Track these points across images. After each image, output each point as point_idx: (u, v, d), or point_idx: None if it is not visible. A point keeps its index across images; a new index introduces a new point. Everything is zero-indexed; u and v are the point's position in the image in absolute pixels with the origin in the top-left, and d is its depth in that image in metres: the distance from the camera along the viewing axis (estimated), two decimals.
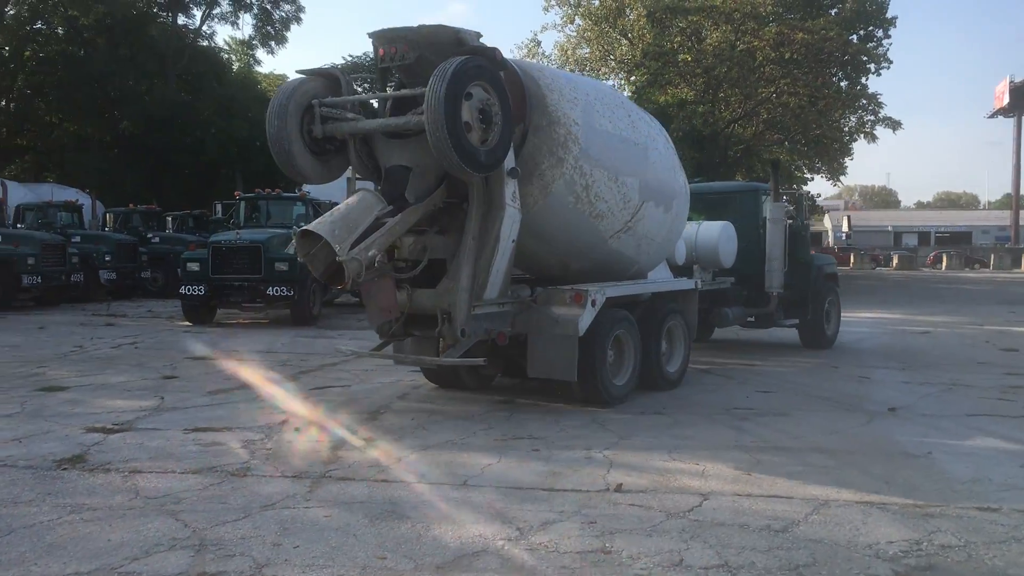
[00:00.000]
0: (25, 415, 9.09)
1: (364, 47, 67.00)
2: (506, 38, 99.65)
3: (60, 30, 45.51)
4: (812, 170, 50.53)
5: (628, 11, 43.01)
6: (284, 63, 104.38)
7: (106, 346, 15.09)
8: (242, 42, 45.10)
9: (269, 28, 43.63)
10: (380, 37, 8.85)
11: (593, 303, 9.20)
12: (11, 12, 43.44)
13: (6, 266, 20.92)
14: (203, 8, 40.36)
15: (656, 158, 10.86)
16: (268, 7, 42.15)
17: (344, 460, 7.41)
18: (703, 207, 14.80)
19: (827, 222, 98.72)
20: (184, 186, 41.50)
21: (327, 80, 9.32)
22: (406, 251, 9.17)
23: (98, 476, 6.81)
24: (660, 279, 11.88)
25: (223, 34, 53.12)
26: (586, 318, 9.09)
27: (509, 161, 8.74)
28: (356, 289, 8.92)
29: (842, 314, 16.60)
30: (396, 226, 8.47)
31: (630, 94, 40.34)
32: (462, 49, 8.43)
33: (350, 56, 37.83)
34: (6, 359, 13.26)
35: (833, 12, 38.69)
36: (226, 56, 47.50)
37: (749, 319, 14.98)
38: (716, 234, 13.86)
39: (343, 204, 8.78)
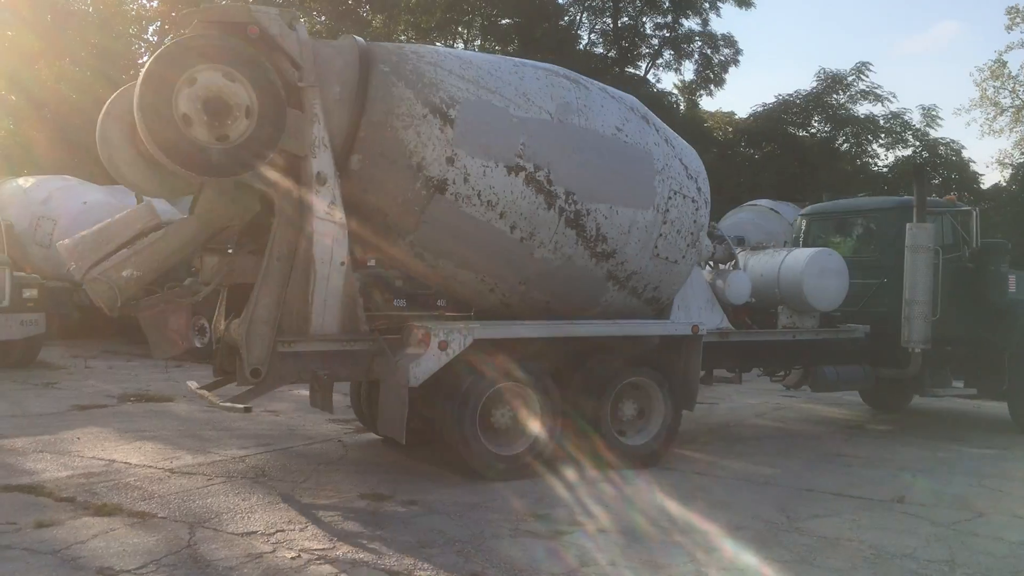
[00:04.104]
0: None
1: (797, 85, 66.63)
2: (982, 57, 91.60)
3: None
4: None
5: None
6: (729, 100, 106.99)
7: None
8: (685, 86, 47.73)
9: (708, 72, 45.59)
10: (200, 16, 7.32)
11: (442, 346, 7.33)
12: None
13: None
14: (648, 60, 43.85)
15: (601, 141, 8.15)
16: (708, 52, 44.14)
17: (675, 454, 8.96)
18: (832, 230, 12.21)
19: None
20: None
21: None
22: (207, 273, 7.56)
23: None
24: (683, 321, 9.00)
25: (668, 81, 56.20)
26: (424, 365, 7.24)
27: (320, 164, 7.11)
28: (126, 315, 7.54)
29: None
30: (161, 242, 7.21)
31: None
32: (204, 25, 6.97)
33: (780, 95, 38.50)
34: None
35: None
36: (673, 98, 50.13)
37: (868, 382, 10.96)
38: (802, 265, 10.39)
39: (111, 217, 7.77)
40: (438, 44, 35.40)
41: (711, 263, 10.18)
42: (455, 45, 37.47)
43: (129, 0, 33.79)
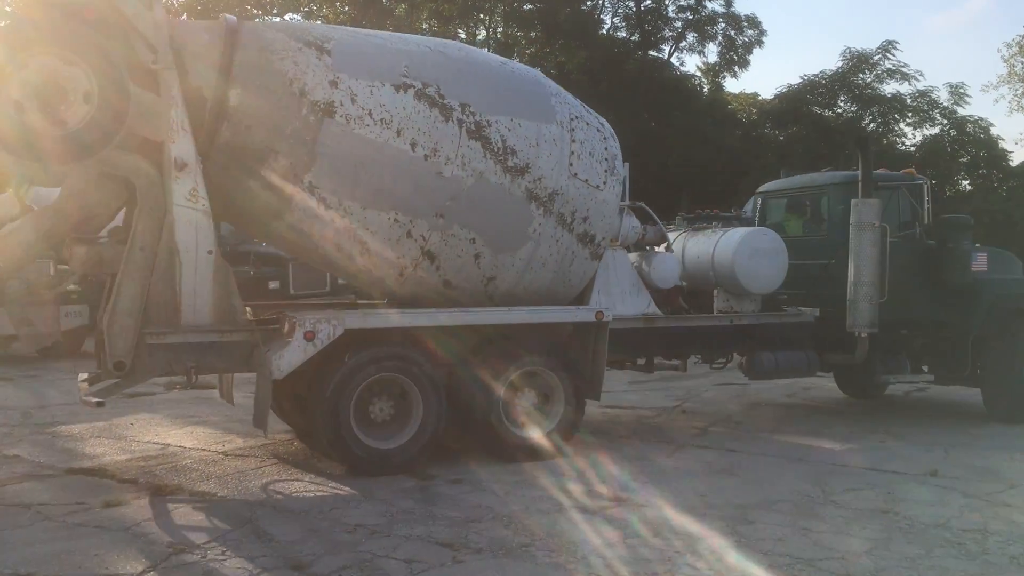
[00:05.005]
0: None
1: (822, 64, 66.44)
2: (1011, 33, 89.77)
3: (552, 71, 52.21)
4: None
5: None
6: (753, 82, 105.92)
7: None
8: (708, 68, 47.48)
9: (732, 54, 45.31)
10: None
11: (308, 336, 7.04)
12: (515, 60, 51.21)
13: None
14: (671, 44, 43.72)
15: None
16: (732, 34, 43.85)
17: (712, 433, 9.22)
18: (786, 208, 11.34)
19: None
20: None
21: None
22: (75, 263, 7.34)
23: None
24: (592, 307, 8.48)
25: (691, 63, 56.11)
26: (289, 357, 6.95)
27: (179, 149, 6.87)
28: None
29: None
30: (17, 233, 6.99)
31: None
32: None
33: (805, 76, 38.30)
34: None
35: None
36: (696, 81, 49.90)
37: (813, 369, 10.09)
38: (733, 246, 9.69)
39: None
40: (460, 32, 35.55)
41: (646, 246, 9.56)
42: (477, 32, 37.63)
43: None
